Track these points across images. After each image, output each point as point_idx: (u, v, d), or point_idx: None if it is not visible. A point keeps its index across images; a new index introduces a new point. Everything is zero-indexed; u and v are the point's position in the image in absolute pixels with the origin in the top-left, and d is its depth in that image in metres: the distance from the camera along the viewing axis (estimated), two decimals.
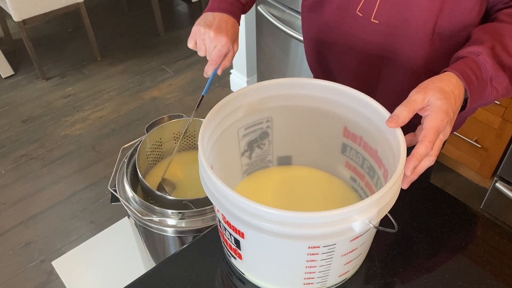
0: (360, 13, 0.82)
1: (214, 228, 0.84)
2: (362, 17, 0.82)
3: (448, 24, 0.78)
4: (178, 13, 3.56)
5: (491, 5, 0.79)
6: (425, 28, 0.79)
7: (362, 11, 0.82)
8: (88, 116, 2.56)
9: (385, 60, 0.87)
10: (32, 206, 2.07)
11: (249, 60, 2.47)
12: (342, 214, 0.55)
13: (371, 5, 0.81)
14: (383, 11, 0.80)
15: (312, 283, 0.69)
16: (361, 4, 0.82)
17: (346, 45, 0.89)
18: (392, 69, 0.88)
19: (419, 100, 0.63)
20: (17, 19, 2.54)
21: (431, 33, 0.80)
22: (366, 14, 0.82)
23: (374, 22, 0.82)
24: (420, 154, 0.61)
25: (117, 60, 3.00)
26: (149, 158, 1.40)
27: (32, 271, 1.81)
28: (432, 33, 0.80)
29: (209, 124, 0.68)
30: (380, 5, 0.80)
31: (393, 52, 0.84)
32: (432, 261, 0.78)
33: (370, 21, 0.82)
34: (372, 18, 0.81)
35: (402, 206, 0.67)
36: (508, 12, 0.76)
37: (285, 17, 1.98)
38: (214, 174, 0.59)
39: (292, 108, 0.78)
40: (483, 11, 0.79)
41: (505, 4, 0.78)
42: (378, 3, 0.80)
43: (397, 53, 0.84)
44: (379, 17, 0.81)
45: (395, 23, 0.80)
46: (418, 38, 0.80)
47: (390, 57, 0.86)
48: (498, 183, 1.77)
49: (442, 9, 0.76)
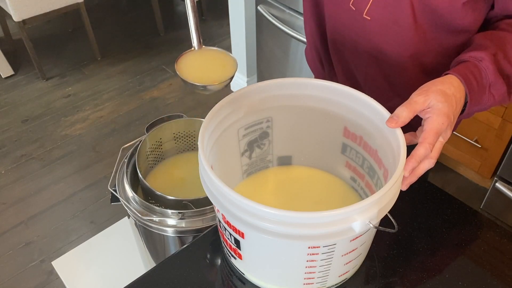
0: (353, 6, 0.82)
1: (214, 228, 0.84)
2: (355, 11, 0.82)
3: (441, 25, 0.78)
4: (178, 13, 3.56)
5: (492, 15, 0.79)
6: (416, 29, 0.79)
7: (355, 5, 0.82)
8: (88, 116, 2.56)
9: (374, 57, 0.87)
10: (32, 206, 2.07)
11: (249, 60, 2.47)
12: (342, 214, 0.55)
13: (364, 1, 0.81)
14: (376, 8, 0.80)
15: (312, 283, 0.69)
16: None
17: (341, 37, 0.89)
18: (380, 66, 0.88)
19: (420, 102, 0.64)
20: (17, 19, 2.54)
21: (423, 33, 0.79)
22: (358, 9, 0.82)
23: (365, 18, 0.82)
24: (419, 156, 0.62)
25: (117, 60, 3.00)
26: (149, 158, 1.40)
27: (32, 271, 1.81)
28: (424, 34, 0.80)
29: (209, 124, 0.68)
30: (373, 2, 0.80)
31: (383, 49, 0.84)
32: (432, 261, 0.78)
33: (362, 16, 0.82)
34: (364, 14, 0.81)
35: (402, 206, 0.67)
36: (509, 22, 0.77)
37: (285, 17, 1.98)
38: (214, 174, 0.59)
39: (292, 108, 0.78)
40: (481, 18, 0.79)
41: (505, 16, 0.78)
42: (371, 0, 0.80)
43: (386, 51, 0.84)
44: (371, 14, 0.81)
45: (386, 22, 0.80)
46: (409, 37, 0.80)
47: (379, 55, 0.86)
48: (498, 183, 1.77)
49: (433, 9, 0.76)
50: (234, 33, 2.41)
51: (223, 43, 3.12)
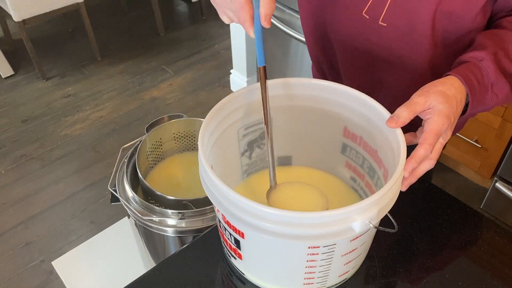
0: (367, 15, 0.82)
1: (214, 228, 0.84)
2: (368, 19, 0.81)
3: (454, 29, 0.78)
4: (178, 13, 3.56)
5: (494, 12, 0.79)
6: (432, 33, 0.78)
7: (368, 13, 0.81)
8: (88, 116, 2.56)
9: (389, 64, 0.86)
10: (32, 206, 2.07)
11: (249, 60, 2.47)
12: (342, 214, 0.55)
13: (379, 8, 0.80)
14: (393, 14, 0.79)
15: (312, 283, 0.69)
16: (368, 6, 0.81)
17: (351, 46, 0.88)
18: (395, 73, 0.87)
19: (420, 103, 0.63)
20: (17, 19, 2.54)
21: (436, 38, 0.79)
22: (373, 16, 0.81)
23: (382, 25, 0.81)
24: (419, 156, 0.62)
25: (117, 60, 3.00)
26: (149, 158, 1.40)
27: (32, 271, 1.81)
28: (437, 39, 0.79)
29: (209, 124, 0.68)
30: (389, 8, 0.79)
31: (399, 56, 0.84)
32: (432, 261, 0.78)
33: (377, 23, 0.81)
34: (380, 20, 0.80)
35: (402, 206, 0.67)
36: (511, 19, 0.76)
37: (285, 17, 1.98)
38: (214, 174, 0.59)
39: (292, 108, 0.78)
40: (487, 17, 0.79)
41: (508, 12, 0.78)
42: (387, 6, 0.79)
43: (403, 57, 0.84)
44: (388, 20, 0.80)
45: (403, 27, 0.79)
46: (425, 43, 0.80)
47: (394, 61, 0.85)
48: (498, 183, 1.77)
49: (450, 15, 0.76)
50: (234, 33, 2.41)
51: (223, 43, 3.12)
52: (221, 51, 3.05)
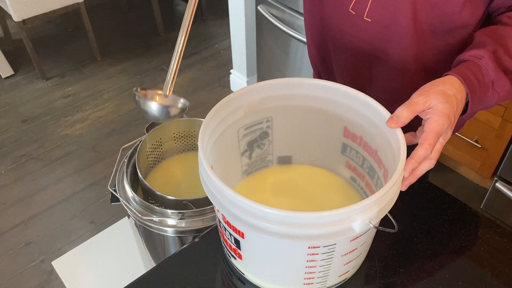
0: (353, 11, 0.82)
1: (214, 228, 0.84)
2: (355, 15, 0.83)
3: (439, 23, 0.78)
4: (178, 13, 3.56)
5: (494, 8, 0.79)
6: (415, 28, 0.79)
7: (354, 9, 0.82)
8: (88, 116, 2.56)
9: (377, 59, 0.87)
10: (32, 206, 2.07)
11: (249, 60, 2.47)
12: (342, 214, 0.55)
13: (363, 3, 0.81)
14: (375, 9, 0.80)
15: (312, 283, 0.69)
16: (354, 2, 0.82)
17: (342, 42, 0.90)
18: (384, 67, 0.88)
19: (420, 102, 0.63)
20: (17, 19, 2.54)
21: (421, 32, 0.79)
22: (358, 12, 0.82)
23: (366, 20, 0.82)
24: (419, 156, 0.62)
25: (117, 60, 3.00)
26: (149, 158, 1.40)
27: (32, 271, 1.81)
28: (422, 32, 0.80)
29: (209, 124, 0.68)
30: (372, 4, 0.80)
31: (385, 50, 0.84)
32: (432, 261, 0.78)
33: (363, 19, 0.82)
34: (364, 16, 0.82)
35: (402, 206, 0.67)
36: (511, 15, 0.76)
37: (285, 17, 1.98)
38: (214, 174, 0.59)
39: (292, 108, 0.78)
40: (479, 13, 0.78)
41: (508, 8, 0.78)
42: (370, 2, 0.80)
43: (389, 52, 0.84)
44: (372, 15, 0.81)
45: (386, 22, 0.80)
46: (408, 37, 0.80)
47: (382, 56, 0.86)
48: (498, 183, 1.77)
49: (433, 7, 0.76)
50: (234, 33, 2.41)
51: (223, 43, 3.12)
52: (221, 51, 3.05)
